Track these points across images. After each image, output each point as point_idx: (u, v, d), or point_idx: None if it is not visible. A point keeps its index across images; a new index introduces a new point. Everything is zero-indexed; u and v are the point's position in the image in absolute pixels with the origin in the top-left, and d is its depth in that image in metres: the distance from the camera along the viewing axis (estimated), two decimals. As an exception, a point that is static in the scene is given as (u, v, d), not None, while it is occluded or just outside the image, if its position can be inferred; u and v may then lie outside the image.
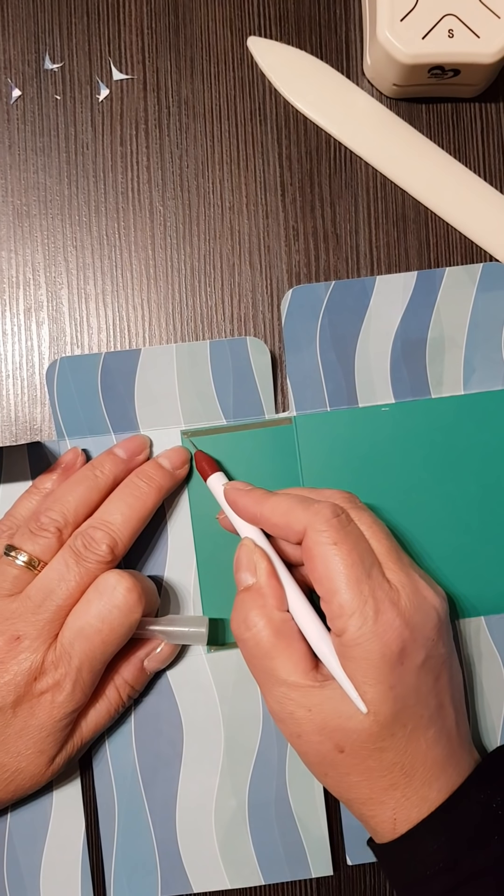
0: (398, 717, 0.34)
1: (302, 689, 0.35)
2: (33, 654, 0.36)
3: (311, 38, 0.44)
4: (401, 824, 0.35)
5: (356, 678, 0.34)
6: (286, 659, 0.36)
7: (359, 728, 0.34)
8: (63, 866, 0.40)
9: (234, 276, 0.43)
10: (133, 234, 0.43)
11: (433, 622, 0.36)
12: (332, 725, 0.35)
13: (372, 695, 0.34)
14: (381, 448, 0.42)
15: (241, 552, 0.38)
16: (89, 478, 0.39)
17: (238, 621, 0.37)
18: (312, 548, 0.35)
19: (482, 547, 0.42)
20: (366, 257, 0.44)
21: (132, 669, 0.39)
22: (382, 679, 0.34)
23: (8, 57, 0.44)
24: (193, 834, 0.41)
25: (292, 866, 0.41)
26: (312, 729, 0.35)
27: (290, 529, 0.36)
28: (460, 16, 0.40)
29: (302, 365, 0.42)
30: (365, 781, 0.35)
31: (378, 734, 0.34)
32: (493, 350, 0.42)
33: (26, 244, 0.43)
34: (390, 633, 0.34)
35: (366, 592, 0.34)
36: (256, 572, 0.37)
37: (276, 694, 0.36)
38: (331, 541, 0.35)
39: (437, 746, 0.35)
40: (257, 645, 0.36)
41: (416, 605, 0.35)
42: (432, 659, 0.35)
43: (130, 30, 0.44)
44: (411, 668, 0.35)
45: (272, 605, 0.36)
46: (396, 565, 0.36)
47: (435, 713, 0.35)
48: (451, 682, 0.37)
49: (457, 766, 0.36)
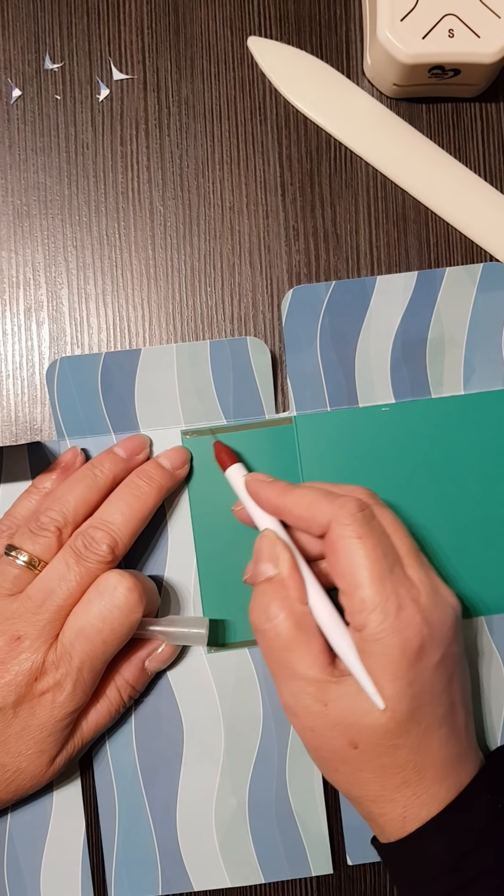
0: (414, 714, 0.34)
1: (319, 684, 0.35)
2: (34, 654, 0.36)
3: (311, 37, 0.44)
4: (410, 823, 0.35)
5: (375, 674, 0.34)
6: (305, 652, 0.35)
7: (375, 724, 0.34)
8: (63, 866, 0.40)
9: (234, 276, 0.43)
10: (133, 234, 0.43)
11: (451, 621, 0.36)
12: (348, 721, 0.34)
13: (390, 691, 0.34)
14: (381, 448, 0.42)
15: (263, 543, 0.38)
16: (89, 477, 0.39)
17: (258, 612, 0.36)
18: (336, 541, 0.35)
19: (482, 547, 0.42)
20: (366, 257, 0.44)
21: (133, 670, 0.39)
22: (401, 675, 0.34)
23: (8, 57, 0.44)
24: (194, 833, 0.41)
25: (292, 865, 0.41)
26: (327, 724, 0.35)
27: (314, 522, 0.36)
28: (460, 16, 0.40)
29: (302, 365, 0.42)
30: (377, 778, 0.35)
31: (394, 731, 0.34)
32: (493, 350, 0.42)
33: (26, 244, 0.43)
34: (411, 629, 0.34)
35: (388, 588, 0.34)
36: (279, 564, 0.37)
37: (293, 688, 0.35)
38: (356, 535, 0.35)
39: (448, 745, 0.35)
40: (277, 637, 0.36)
41: (435, 604, 0.35)
42: (448, 658, 0.35)
43: (130, 30, 0.44)
44: (429, 665, 0.35)
45: (294, 598, 0.36)
46: (417, 563, 0.36)
47: (448, 712, 0.35)
48: (462, 681, 0.37)
49: (465, 765, 0.36)
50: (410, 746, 0.34)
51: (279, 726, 0.41)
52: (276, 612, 0.36)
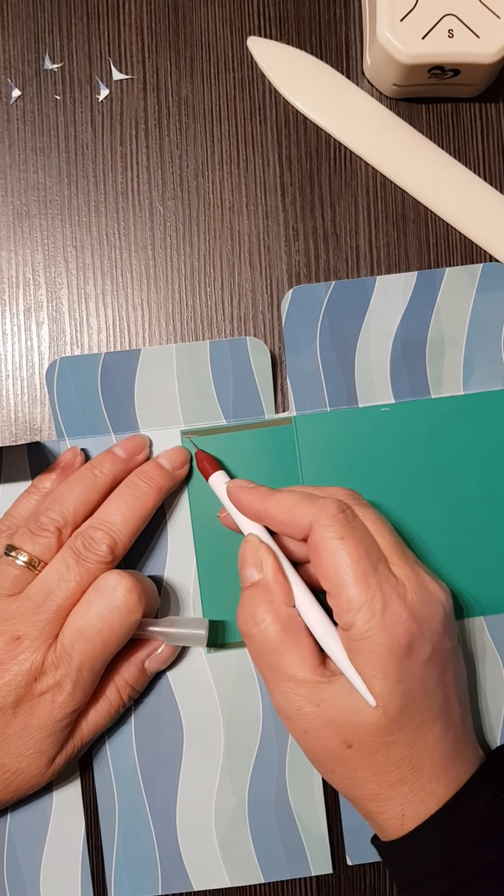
0: (406, 710, 0.34)
1: (310, 685, 0.35)
2: (33, 654, 0.36)
3: (311, 38, 0.44)
4: (409, 820, 0.35)
5: (364, 672, 0.34)
6: (294, 654, 0.35)
7: (367, 722, 0.34)
8: (63, 866, 0.40)
9: (233, 276, 0.43)
10: (133, 234, 0.43)
11: (439, 616, 0.36)
12: (341, 721, 0.35)
13: (380, 688, 0.34)
14: (380, 448, 0.42)
15: (247, 548, 0.38)
16: (88, 477, 0.39)
17: (245, 617, 0.37)
18: (319, 543, 0.35)
19: (482, 547, 0.42)
20: (366, 257, 0.44)
21: (133, 670, 0.39)
22: (391, 672, 0.34)
23: (8, 57, 0.44)
24: (193, 832, 0.41)
25: (292, 864, 0.41)
26: (320, 724, 0.35)
27: (296, 525, 0.36)
28: (460, 16, 0.40)
29: (302, 365, 0.42)
30: (373, 777, 0.35)
31: (387, 728, 0.34)
32: (492, 350, 0.42)
33: (26, 244, 0.43)
34: (398, 626, 0.34)
35: (373, 586, 0.34)
36: (263, 568, 0.37)
37: (284, 690, 0.36)
38: (337, 535, 0.35)
39: (443, 741, 0.35)
40: (265, 641, 0.36)
41: (423, 600, 0.35)
42: (439, 653, 0.35)
43: (130, 30, 0.44)
44: (419, 661, 0.35)
45: (279, 601, 0.36)
46: (402, 560, 0.36)
47: (442, 707, 0.35)
48: (456, 676, 0.37)
49: (463, 762, 0.36)
50: (404, 743, 0.35)
51: (279, 726, 0.41)
52: (262, 616, 0.36)
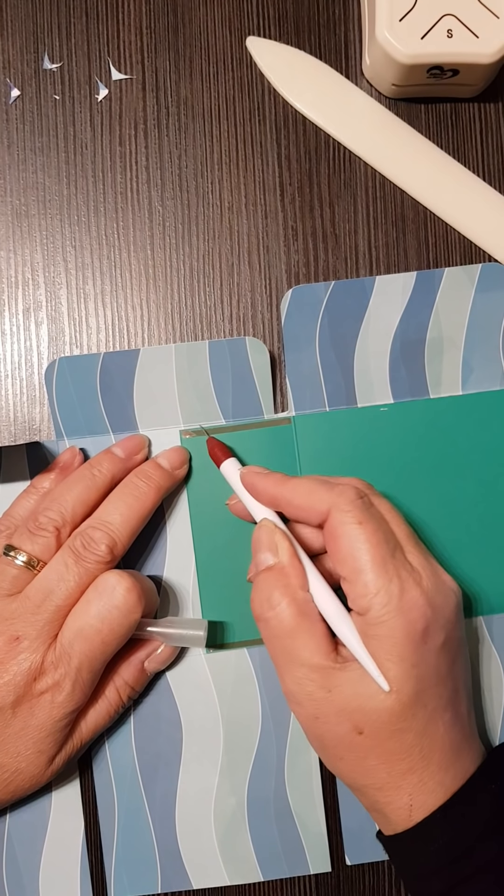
0: (420, 696, 0.34)
1: (323, 671, 0.35)
2: (33, 654, 0.36)
3: (310, 38, 0.44)
4: (417, 811, 0.35)
5: (379, 656, 0.34)
6: (308, 639, 0.35)
7: (380, 708, 0.34)
8: (62, 865, 0.41)
9: (233, 277, 0.43)
10: (132, 234, 0.43)
11: (452, 604, 0.36)
12: (353, 706, 0.34)
13: (395, 672, 0.34)
14: (379, 448, 0.42)
15: (262, 533, 0.38)
16: (87, 477, 0.39)
17: (260, 601, 0.36)
18: (337, 527, 0.35)
19: (481, 547, 0.42)
20: (365, 257, 0.44)
21: (132, 670, 0.39)
22: (406, 657, 0.34)
23: (7, 57, 0.44)
24: (193, 831, 0.41)
25: (291, 863, 0.41)
26: (331, 710, 0.35)
27: (313, 510, 0.36)
28: (459, 16, 0.40)
29: (301, 365, 0.42)
30: (383, 765, 0.35)
31: (400, 713, 0.34)
32: (491, 350, 0.42)
33: (25, 244, 0.43)
34: (415, 611, 0.34)
35: (391, 571, 0.35)
36: (278, 552, 0.37)
37: (297, 675, 0.35)
38: (356, 520, 0.35)
39: (452, 731, 0.35)
40: (280, 624, 0.36)
41: (437, 587, 0.36)
42: (451, 641, 0.36)
43: (130, 30, 0.44)
44: (433, 648, 0.35)
45: (296, 585, 0.36)
46: (416, 549, 0.36)
47: (452, 696, 0.35)
48: (464, 667, 0.37)
49: (469, 754, 0.36)
50: (416, 730, 0.34)
51: (278, 725, 0.41)
52: (278, 600, 0.36)
